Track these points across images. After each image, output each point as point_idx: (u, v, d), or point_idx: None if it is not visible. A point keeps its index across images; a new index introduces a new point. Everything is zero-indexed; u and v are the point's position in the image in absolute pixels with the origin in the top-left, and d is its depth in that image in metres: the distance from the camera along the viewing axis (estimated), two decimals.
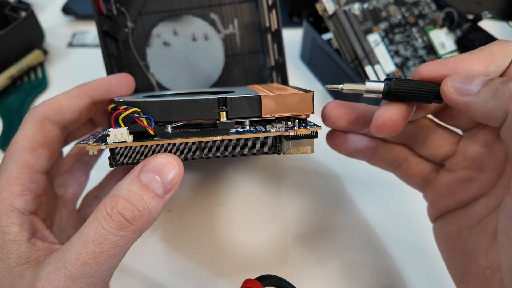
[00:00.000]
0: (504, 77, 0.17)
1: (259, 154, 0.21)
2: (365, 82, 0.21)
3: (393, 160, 0.26)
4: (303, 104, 0.21)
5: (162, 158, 0.19)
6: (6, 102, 0.44)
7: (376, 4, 0.43)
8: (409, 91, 0.20)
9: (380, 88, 0.20)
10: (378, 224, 0.33)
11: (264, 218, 0.34)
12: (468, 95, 0.18)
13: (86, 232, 0.17)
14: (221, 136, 0.20)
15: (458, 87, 0.19)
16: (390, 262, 0.31)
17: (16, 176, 0.20)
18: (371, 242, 0.32)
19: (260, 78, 0.38)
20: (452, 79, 0.19)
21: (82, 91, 0.24)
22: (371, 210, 0.34)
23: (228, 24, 0.37)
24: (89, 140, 0.20)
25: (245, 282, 0.21)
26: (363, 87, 0.21)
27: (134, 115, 0.20)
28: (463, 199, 0.23)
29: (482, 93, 0.18)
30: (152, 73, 0.36)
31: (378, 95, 0.21)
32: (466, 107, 0.18)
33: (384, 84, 0.20)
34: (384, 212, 0.34)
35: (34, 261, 0.18)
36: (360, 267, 0.30)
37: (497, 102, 0.17)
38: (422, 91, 0.20)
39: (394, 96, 0.20)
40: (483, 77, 0.18)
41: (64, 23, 0.55)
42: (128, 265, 0.30)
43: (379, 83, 0.21)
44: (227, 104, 0.21)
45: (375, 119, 0.21)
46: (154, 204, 0.18)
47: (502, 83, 0.17)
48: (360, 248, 0.31)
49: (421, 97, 0.20)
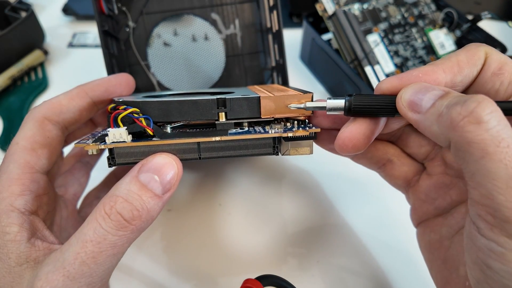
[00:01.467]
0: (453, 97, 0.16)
1: (257, 155, 0.21)
2: (326, 99, 0.20)
3: (377, 160, 0.25)
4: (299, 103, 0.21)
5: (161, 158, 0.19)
6: (7, 102, 0.44)
7: (375, 4, 0.43)
8: (370, 106, 0.19)
9: (341, 104, 0.20)
10: (378, 224, 0.33)
11: (264, 218, 0.34)
12: (417, 113, 0.17)
13: (85, 232, 0.17)
14: (220, 136, 0.20)
15: (411, 101, 0.18)
16: (390, 263, 0.31)
17: (17, 176, 0.20)
18: (371, 242, 0.32)
19: (260, 79, 0.38)
20: (406, 91, 0.18)
21: (82, 91, 0.24)
22: (371, 210, 0.34)
23: (229, 24, 0.37)
24: (88, 140, 0.20)
25: (245, 282, 0.21)
26: (324, 104, 0.20)
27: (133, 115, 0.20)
28: (443, 205, 0.23)
29: (429, 114, 0.17)
30: (153, 73, 0.36)
31: (341, 112, 0.20)
32: (415, 124, 0.18)
33: (345, 101, 0.20)
34: (384, 212, 0.34)
35: (33, 261, 0.18)
36: (360, 268, 0.30)
37: (440, 127, 0.16)
38: (382, 105, 0.19)
39: (356, 112, 0.20)
40: (437, 91, 0.17)
41: (65, 23, 0.55)
42: (128, 265, 0.30)
43: (339, 100, 0.20)
44: (226, 105, 0.21)
45: (337, 138, 0.20)
46: (153, 204, 0.18)
47: (447, 107, 0.16)
48: (360, 248, 0.32)
49: (383, 111, 0.20)
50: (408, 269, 0.30)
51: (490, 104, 0.15)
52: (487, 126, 0.14)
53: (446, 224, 0.22)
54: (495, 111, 0.15)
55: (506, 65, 0.18)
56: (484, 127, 0.14)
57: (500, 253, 0.15)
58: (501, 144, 0.14)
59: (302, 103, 0.21)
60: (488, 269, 0.16)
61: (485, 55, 0.19)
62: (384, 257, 0.31)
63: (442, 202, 0.23)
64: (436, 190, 0.23)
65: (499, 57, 0.19)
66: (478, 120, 0.15)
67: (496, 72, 0.18)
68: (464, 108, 0.15)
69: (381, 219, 0.33)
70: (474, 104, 0.15)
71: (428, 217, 0.24)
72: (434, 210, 0.23)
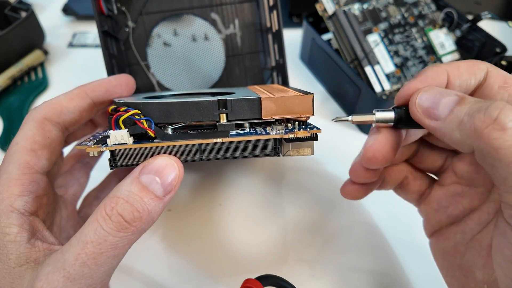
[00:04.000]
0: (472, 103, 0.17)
1: (259, 156, 0.21)
2: (374, 112, 0.20)
3: (396, 182, 0.26)
4: (303, 106, 0.21)
5: (162, 160, 0.19)
6: (7, 102, 0.44)
7: (375, 4, 0.43)
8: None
9: (391, 116, 0.20)
10: (379, 224, 0.33)
11: (264, 218, 0.34)
12: (436, 120, 0.18)
13: (85, 233, 0.17)
14: (221, 138, 0.20)
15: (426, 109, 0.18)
16: (390, 262, 0.31)
17: (16, 176, 0.20)
18: (371, 242, 0.32)
19: (260, 79, 0.38)
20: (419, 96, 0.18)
21: (82, 92, 0.24)
22: (371, 210, 0.34)
23: (229, 24, 0.37)
24: (90, 142, 0.20)
25: (245, 281, 0.21)
26: (372, 117, 0.20)
27: (134, 117, 0.20)
28: (455, 213, 0.23)
29: (449, 121, 0.17)
30: (153, 73, 0.36)
31: (390, 124, 0.20)
32: (434, 131, 0.18)
33: (395, 112, 0.20)
34: (384, 213, 0.34)
35: (33, 261, 0.18)
36: (360, 268, 0.30)
37: (463, 135, 0.17)
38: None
39: (407, 123, 0.20)
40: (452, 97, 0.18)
41: (65, 23, 0.55)
42: (128, 265, 0.30)
43: (389, 112, 0.20)
44: (227, 106, 0.21)
45: (366, 151, 0.21)
46: (154, 206, 0.18)
47: (469, 114, 0.16)
48: (360, 249, 0.32)
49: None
50: (409, 270, 0.30)
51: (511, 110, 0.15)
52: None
53: (460, 231, 0.22)
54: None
55: (509, 78, 0.19)
56: (510, 133, 0.15)
57: None
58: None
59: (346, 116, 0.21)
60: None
61: (486, 69, 0.19)
62: (384, 257, 0.31)
63: (454, 210, 0.23)
64: (447, 199, 0.24)
65: (501, 72, 0.19)
66: (503, 126, 0.15)
67: (502, 85, 0.19)
68: (487, 115, 0.15)
69: (382, 220, 0.33)
70: (497, 111, 0.15)
71: (441, 226, 0.24)
72: (447, 219, 0.24)
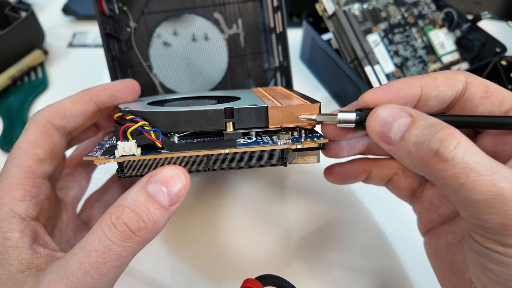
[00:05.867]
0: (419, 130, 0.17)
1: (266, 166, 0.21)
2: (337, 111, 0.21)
3: (385, 177, 0.26)
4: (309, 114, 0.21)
5: (170, 170, 0.19)
6: (7, 102, 0.44)
7: (375, 4, 0.43)
8: None
9: (352, 118, 0.20)
10: (379, 225, 0.33)
11: (264, 218, 0.34)
12: (389, 144, 0.18)
13: (89, 242, 0.17)
14: (229, 149, 0.20)
15: (380, 132, 0.18)
16: (390, 263, 0.31)
17: (18, 181, 0.20)
18: (371, 243, 0.32)
19: (263, 80, 0.38)
20: (373, 118, 0.19)
21: (87, 96, 0.24)
22: (372, 211, 0.34)
23: (232, 24, 0.36)
24: (97, 152, 0.20)
25: (245, 281, 0.21)
26: (335, 118, 0.20)
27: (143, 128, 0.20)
28: (446, 213, 0.24)
29: (400, 148, 0.17)
30: (155, 74, 0.36)
31: (351, 125, 0.20)
32: (390, 154, 0.18)
33: (356, 114, 0.20)
34: (385, 214, 0.34)
35: (35, 268, 0.18)
36: (360, 268, 0.31)
37: (413, 163, 0.17)
38: None
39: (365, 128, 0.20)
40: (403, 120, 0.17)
41: (65, 23, 0.55)
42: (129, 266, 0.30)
43: (350, 114, 0.20)
44: (233, 114, 0.21)
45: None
46: (159, 216, 0.18)
47: (415, 145, 0.17)
48: (360, 249, 0.32)
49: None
50: (409, 271, 0.30)
51: (452, 138, 0.16)
52: (454, 162, 0.15)
53: (451, 231, 0.23)
54: (460, 142, 0.15)
55: (490, 87, 0.19)
56: (451, 163, 0.15)
57: (498, 259, 0.16)
58: (471, 174, 0.15)
59: (312, 114, 0.21)
60: (489, 272, 0.17)
61: (465, 79, 0.19)
62: (384, 257, 0.31)
63: (445, 209, 0.24)
64: (439, 198, 0.24)
65: (482, 82, 0.19)
66: (445, 158, 0.15)
67: (484, 95, 0.19)
68: (429, 148, 0.16)
69: (382, 221, 0.34)
70: (437, 144, 0.16)
71: (433, 225, 0.25)
72: (439, 218, 0.24)
